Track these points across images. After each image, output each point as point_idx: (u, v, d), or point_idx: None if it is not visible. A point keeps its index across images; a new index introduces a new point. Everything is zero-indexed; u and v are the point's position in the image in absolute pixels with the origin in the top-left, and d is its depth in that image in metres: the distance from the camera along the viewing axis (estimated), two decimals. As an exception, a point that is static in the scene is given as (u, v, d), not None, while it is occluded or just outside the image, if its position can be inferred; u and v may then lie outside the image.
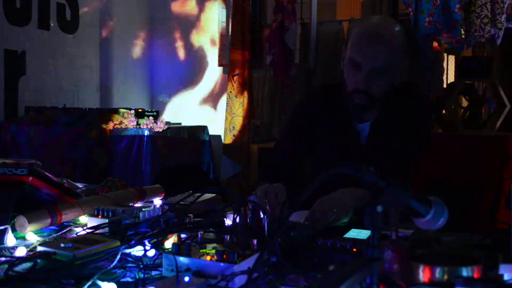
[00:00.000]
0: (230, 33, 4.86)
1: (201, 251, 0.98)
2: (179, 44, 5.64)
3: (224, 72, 5.26)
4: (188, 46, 5.59)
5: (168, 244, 1.13)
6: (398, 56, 1.57)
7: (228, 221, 1.33)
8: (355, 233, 1.26)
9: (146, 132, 3.91)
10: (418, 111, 1.68)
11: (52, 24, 4.69)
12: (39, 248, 1.09)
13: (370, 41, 1.54)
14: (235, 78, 4.77)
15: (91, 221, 1.33)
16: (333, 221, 1.34)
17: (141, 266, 0.98)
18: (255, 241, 1.02)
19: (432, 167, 2.25)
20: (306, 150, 1.76)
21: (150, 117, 4.08)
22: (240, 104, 4.76)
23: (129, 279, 0.95)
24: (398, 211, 0.89)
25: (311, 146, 1.74)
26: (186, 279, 0.87)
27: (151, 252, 1.08)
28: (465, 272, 0.80)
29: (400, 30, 1.59)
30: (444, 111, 3.52)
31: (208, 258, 0.94)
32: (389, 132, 1.64)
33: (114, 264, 0.98)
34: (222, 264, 0.91)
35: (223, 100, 5.00)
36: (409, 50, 1.63)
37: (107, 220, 1.31)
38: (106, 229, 1.28)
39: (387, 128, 1.65)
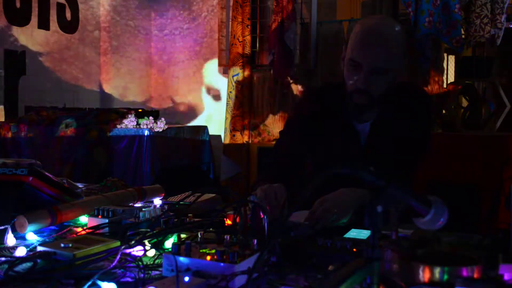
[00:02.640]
0: (230, 33, 4.86)
1: (201, 251, 0.98)
2: (180, 44, 5.64)
3: (224, 72, 5.27)
4: (188, 46, 5.59)
5: (168, 244, 1.13)
6: (398, 56, 1.57)
7: (228, 221, 1.33)
8: (355, 233, 1.26)
9: (146, 132, 3.91)
10: (419, 110, 1.68)
11: (52, 24, 4.69)
12: (39, 248, 1.09)
13: (370, 41, 1.54)
14: (235, 78, 4.78)
15: (91, 221, 1.33)
16: (333, 221, 1.34)
17: (141, 266, 0.98)
18: (255, 241, 1.02)
19: (432, 167, 2.26)
20: (306, 150, 1.76)
21: (150, 117, 4.08)
22: (240, 104, 4.76)
23: (129, 279, 0.95)
24: (398, 211, 0.89)
25: (311, 146, 1.74)
26: (186, 279, 0.87)
27: (151, 252, 1.08)
28: (465, 272, 0.80)
29: (400, 30, 1.59)
30: (444, 111, 3.52)
31: (208, 258, 0.94)
32: (389, 132, 1.64)
33: (114, 264, 0.98)
34: (222, 264, 0.91)
35: (223, 100, 5.00)
36: (408, 50, 1.63)
37: (107, 220, 1.31)
38: (106, 229, 1.28)
39: (387, 127, 1.65)
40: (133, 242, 1.10)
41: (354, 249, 1.07)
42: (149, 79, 5.81)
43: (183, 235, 1.15)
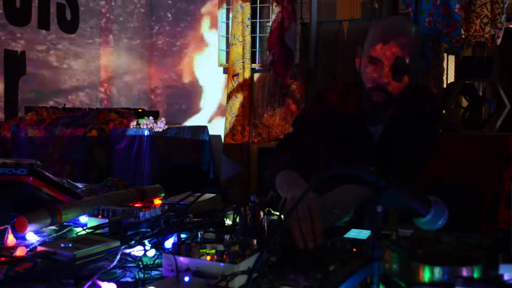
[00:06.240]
0: (230, 33, 4.86)
1: (201, 251, 0.98)
2: (180, 44, 5.64)
3: (224, 72, 5.27)
4: (188, 46, 5.59)
5: (168, 244, 1.13)
6: (415, 55, 1.57)
7: (228, 221, 1.33)
8: (355, 233, 1.26)
9: (146, 132, 3.91)
10: (430, 113, 1.68)
11: (52, 24, 4.70)
12: (39, 248, 1.09)
13: (391, 36, 1.54)
14: (235, 78, 4.77)
15: (91, 221, 1.33)
16: (334, 221, 1.33)
17: (141, 266, 0.98)
18: (255, 241, 1.02)
19: (432, 167, 2.26)
20: (319, 146, 1.74)
21: (150, 117, 4.08)
22: (240, 104, 4.76)
23: (129, 279, 0.95)
24: (398, 211, 0.89)
25: (324, 143, 1.73)
26: (186, 279, 0.87)
27: (151, 252, 1.08)
28: (465, 272, 0.80)
29: (417, 31, 1.60)
30: (444, 111, 3.52)
31: (208, 258, 0.94)
32: (401, 134, 1.64)
33: (114, 264, 0.98)
34: (222, 264, 0.91)
35: (223, 100, 5.00)
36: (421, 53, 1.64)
37: (107, 220, 1.31)
38: (106, 229, 1.28)
39: (400, 130, 1.65)
40: (133, 242, 1.10)
41: (354, 249, 1.07)
42: (150, 79, 5.81)
43: (183, 235, 1.15)
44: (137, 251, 1.08)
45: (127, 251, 1.07)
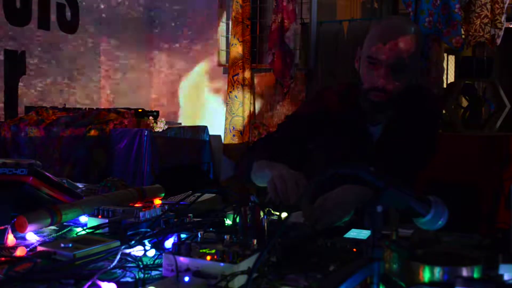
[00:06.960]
0: (230, 33, 4.86)
1: (201, 251, 0.97)
2: (180, 44, 5.64)
3: (224, 72, 5.27)
4: (188, 46, 5.59)
5: (168, 244, 1.13)
6: (415, 55, 1.57)
7: (228, 221, 1.33)
8: (355, 233, 1.26)
9: (146, 132, 3.91)
10: (430, 113, 1.68)
11: (52, 24, 4.70)
12: (39, 248, 1.09)
13: (390, 37, 1.53)
14: (235, 78, 4.78)
15: (91, 221, 1.33)
16: (334, 221, 1.33)
17: (141, 266, 0.98)
18: (255, 241, 1.02)
19: (432, 167, 2.26)
20: (312, 145, 1.73)
21: (150, 117, 4.08)
22: (240, 104, 4.76)
23: (129, 279, 0.95)
24: (398, 211, 0.89)
25: (320, 143, 1.72)
26: (186, 279, 0.87)
27: (151, 252, 1.08)
28: (465, 272, 0.80)
29: (417, 30, 1.60)
30: (444, 111, 3.52)
31: (208, 258, 0.93)
32: (401, 134, 1.64)
33: (114, 264, 0.98)
34: (222, 264, 0.91)
35: (223, 100, 5.00)
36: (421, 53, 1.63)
37: (107, 220, 1.31)
38: (106, 229, 1.28)
39: (399, 130, 1.64)
40: (133, 242, 1.10)
41: (354, 249, 1.07)
42: (149, 79, 5.81)
43: (183, 235, 1.15)
44: (137, 251, 1.08)
45: (127, 251, 1.07)
